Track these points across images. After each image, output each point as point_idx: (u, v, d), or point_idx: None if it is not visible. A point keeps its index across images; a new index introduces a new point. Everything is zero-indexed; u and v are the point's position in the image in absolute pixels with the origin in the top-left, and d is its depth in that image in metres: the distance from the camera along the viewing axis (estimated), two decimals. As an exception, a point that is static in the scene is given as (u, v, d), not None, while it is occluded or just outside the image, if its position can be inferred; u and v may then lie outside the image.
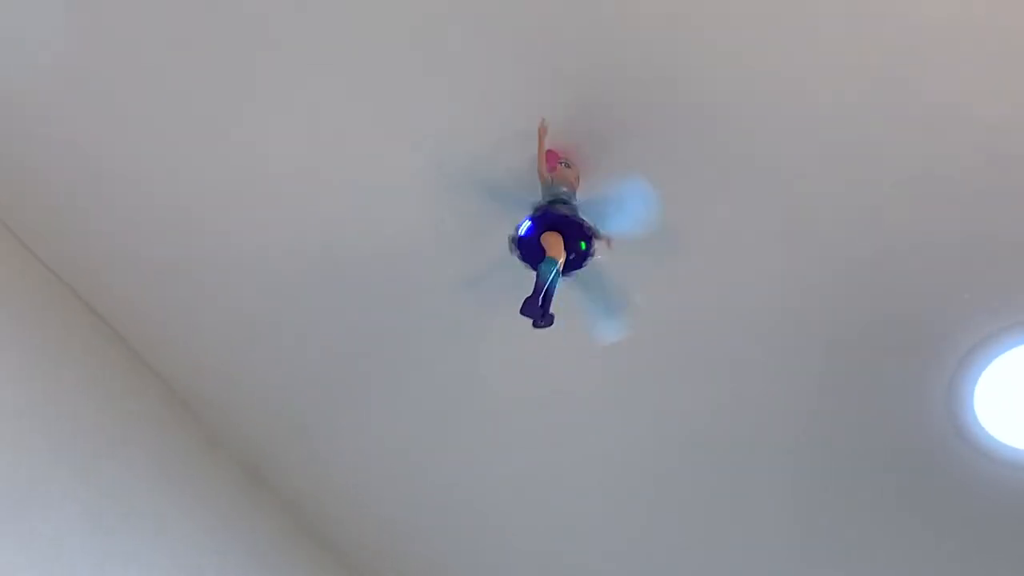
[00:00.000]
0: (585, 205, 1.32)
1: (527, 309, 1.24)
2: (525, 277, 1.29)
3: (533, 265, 1.30)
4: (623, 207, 1.32)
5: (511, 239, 1.32)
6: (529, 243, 1.30)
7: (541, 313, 1.24)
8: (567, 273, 1.32)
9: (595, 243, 1.31)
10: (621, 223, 1.32)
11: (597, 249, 1.32)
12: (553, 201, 1.30)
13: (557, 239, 1.28)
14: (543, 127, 1.31)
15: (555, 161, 1.38)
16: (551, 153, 1.38)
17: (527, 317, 1.25)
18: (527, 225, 1.30)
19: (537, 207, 1.30)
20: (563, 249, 1.28)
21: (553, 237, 1.28)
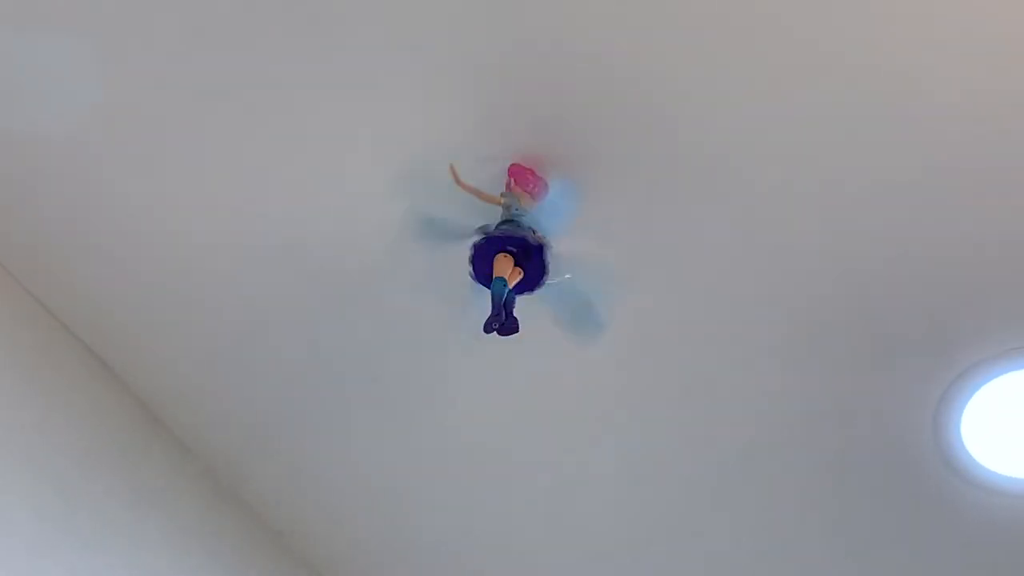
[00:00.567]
0: (540, 215, 1.32)
1: (487, 326, 1.28)
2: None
3: (479, 276, 1.32)
4: (555, 207, 1.33)
5: (470, 259, 1.33)
6: (481, 266, 1.32)
7: (499, 326, 1.28)
8: (533, 289, 1.33)
9: (548, 252, 1.31)
10: (568, 317, 1.36)
11: (552, 263, 1.32)
12: (504, 222, 1.31)
13: (506, 260, 1.29)
14: (452, 172, 1.32)
15: (527, 178, 1.36)
16: (520, 169, 1.36)
17: (490, 331, 1.28)
18: (473, 252, 1.32)
19: (484, 231, 1.32)
20: (512, 268, 1.29)
21: (503, 258, 1.30)
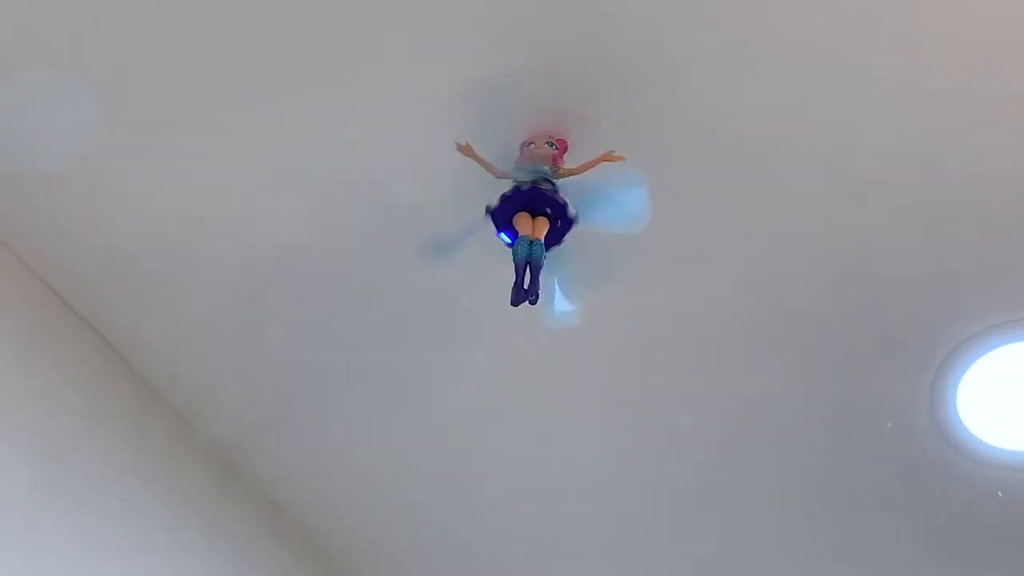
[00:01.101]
0: (572, 189, 1.28)
1: (516, 297, 1.20)
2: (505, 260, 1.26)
3: (508, 242, 1.26)
4: (614, 200, 1.28)
5: (487, 209, 1.27)
6: (504, 218, 1.26)
7: (526, 295, 1.20)
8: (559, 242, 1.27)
9: (571, 229, 1.27)
10: (608, 216, 1.29)
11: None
12: (535, 180, 1.26)
13: (527, 218, 1.24)
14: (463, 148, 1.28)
15: (546, 135, 1.31)
16: (539, 127, 1.31)
17: (518, 304, 1.21)
18: (498, 203, 1.26)
19: (518, 183, 1.26)
20: (537, 226, 1.24)
21: (524, 216, 1.25)
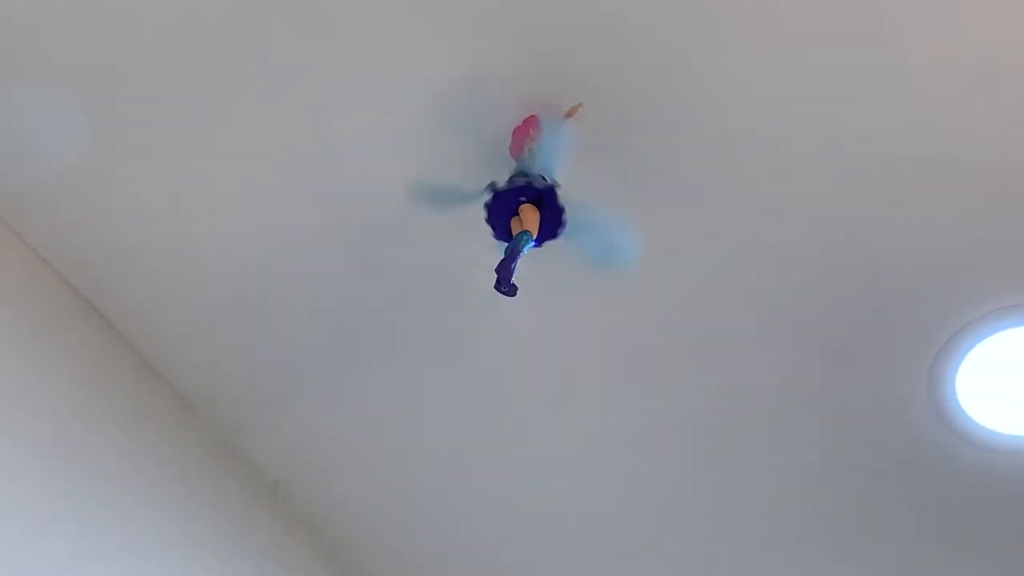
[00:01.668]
0: (537, 157, 1.27)
1: (502, 269, 1.18)
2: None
3: (497, 230, 1.27)
4: (604, 238, 1.28)
5: (489, 187, 1.27)
6: (504, 207, 1.26)
7: (508, 278, 1.19)
8: (555, 235, 1.27)
9: (558, 194, 1.25)
10: (598, 254, 1.30)
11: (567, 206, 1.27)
12: (513, 175, 1.26)
13: (531, 211, 1.24)
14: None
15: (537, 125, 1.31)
16: (532, 119, 1.31)
17: (501, 278, 1.19)
18: (488, 212, 1.26)
19: (493, 187, 1.26)
20: (538, 224, 1.24)
21: (528, 209, 1.24)
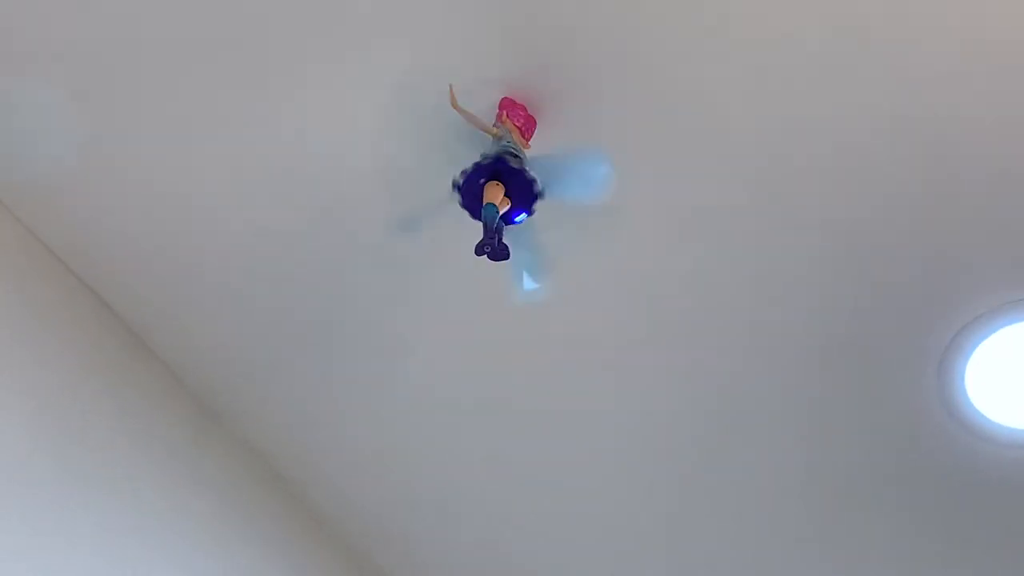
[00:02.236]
0: (536, 164, 1.26)
1: (479, 249, 1.20)
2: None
3: (474, 213, 1.25)
4: (577, 171, 1.26)
5: (454, 184, 1.26)
6: (470, 190, 1.25)
7: (491, 250, 1.20)
8: (529, 211, 1.26)
9: (536, 202, 1.25)
10: (573, 188, 1.27)
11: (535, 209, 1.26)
12: (502, 153, 1.25)
13: (496, 188, 1.23)
14: (451, 95, 1.25)
15: (516, 111, 1.31)
16: (511, 103, 1.30)
17: (482, 254, 1.21)
18: (469, 172, 1.24)
19: (484, 156, 1.25)
20: (502, 196, 1.23)
21: (493, 186, 1.23)
